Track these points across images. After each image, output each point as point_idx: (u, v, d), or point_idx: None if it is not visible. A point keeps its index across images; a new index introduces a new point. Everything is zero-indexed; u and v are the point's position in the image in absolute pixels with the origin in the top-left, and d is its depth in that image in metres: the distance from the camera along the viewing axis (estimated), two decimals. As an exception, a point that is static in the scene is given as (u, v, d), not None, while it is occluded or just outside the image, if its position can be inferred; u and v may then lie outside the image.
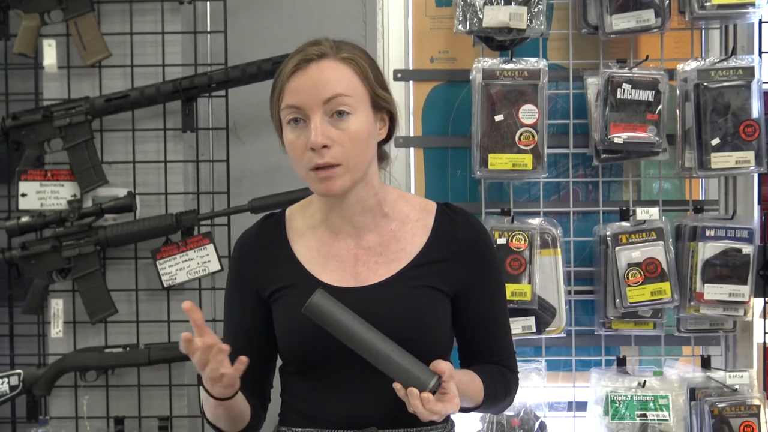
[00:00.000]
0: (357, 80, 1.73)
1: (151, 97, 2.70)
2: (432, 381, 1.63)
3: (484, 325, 1.86)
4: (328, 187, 1.72)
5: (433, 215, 1.84)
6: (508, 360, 1.90)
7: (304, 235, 1.83)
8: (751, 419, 2.58)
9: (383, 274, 1.78)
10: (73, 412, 2.76)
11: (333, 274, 1.78)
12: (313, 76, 1.70)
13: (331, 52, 1.72)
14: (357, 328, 1.65)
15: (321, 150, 1.69)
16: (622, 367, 2.72)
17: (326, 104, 1.69)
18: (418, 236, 1.81)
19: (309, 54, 1.71)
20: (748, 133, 2.61)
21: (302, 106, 1.70)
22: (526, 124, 2.61)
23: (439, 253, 1.80)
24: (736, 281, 2.61)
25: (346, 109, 1.70)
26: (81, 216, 2.69)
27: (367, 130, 1.73)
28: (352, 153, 1.71)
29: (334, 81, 1.70)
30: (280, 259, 1.82)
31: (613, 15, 2.61)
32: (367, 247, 1.80)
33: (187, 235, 2.70)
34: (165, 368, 2.74)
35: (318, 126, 1.69)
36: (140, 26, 2.76)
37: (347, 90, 1.71)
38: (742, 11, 2.62)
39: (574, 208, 2.78)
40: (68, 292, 2.75)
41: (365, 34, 2.91)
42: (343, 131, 1.70)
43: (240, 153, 2.89)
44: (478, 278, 1.82)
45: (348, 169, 1.72)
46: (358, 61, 1.74)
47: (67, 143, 2.72)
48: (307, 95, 1.69)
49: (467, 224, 1.85)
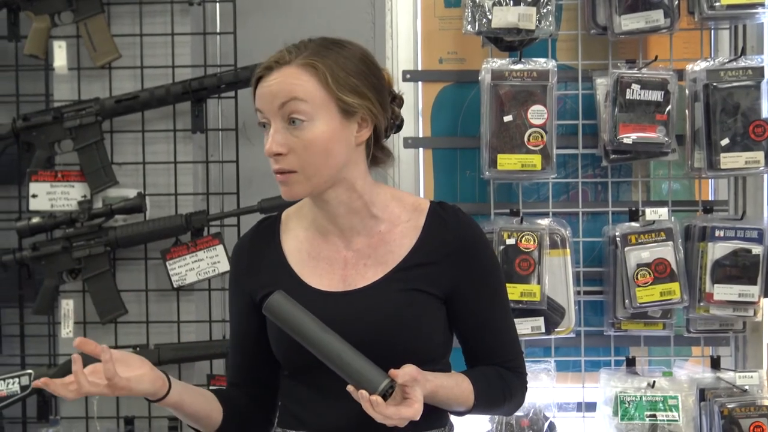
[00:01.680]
0: (315, 85, 1.68)
1: (161, 98, 2.71)
2: (382, 383, 1.59)
3: (482, 327, 1.82)
4: (286, 192, 1.72)
5: (424, 215, 1.80)
6: (512, 361, 1.85)
7: (296, 236, 1.82)
8: (761, 420, 2.58)
9: (371, 277, 1.76)
10: (83, 412, 2.77)
11: (322, 278, 1.77)
12: (270, 82, 1.69)
13: (290, 58, 1.69)
14: (311, 330, 1.63)
15: (276, 157, 1.69)
16: (632, 368, 2.72)
17: (281, 110, 1.68)
18: (407, 238, 1.78)
19: (269, 62, 1.70)
20: (757, 133, 2.61)
21: (264, 111, 1.70)
22: (535, 125, 2.61)
23: (427, 255, 1.77)
24: (745, 282, 2.61)
25: (301, 117, 1.67)
26: (91, 217, 2.70)
27: (326, 137, 1.69)
28: (308, 161, 1.68)
29: (288, 87, 1.67)
30: (271, 263, 1.81)
31: (622, 15, 2.61)
32: (356, 250, 1.78)
33: (197, 236, 2.70)
34: (175, 368, 2.74)
35: (272, 134, 1.68)
36: (150, 27, 2.77)
37: (301, 95, 1.67)
38: (751, 11, 2.62)
39: (583, 209, 2.78)
40: (78, 292, 2.76)
41: (374, 35, 2.91)
42: (298, 138, 1.68)
43: (249, 154, 2.89)
44: (471, 279, 1.78)
45: (306, 177, 1.69)
46: (318, 66, 1.68)
47: (77, 144, 2.73)
48: (265, 102, 1.69)
49: (458, 224, 1.80)
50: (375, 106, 1.73)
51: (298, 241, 1.81)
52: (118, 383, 1.64)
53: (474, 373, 1.79)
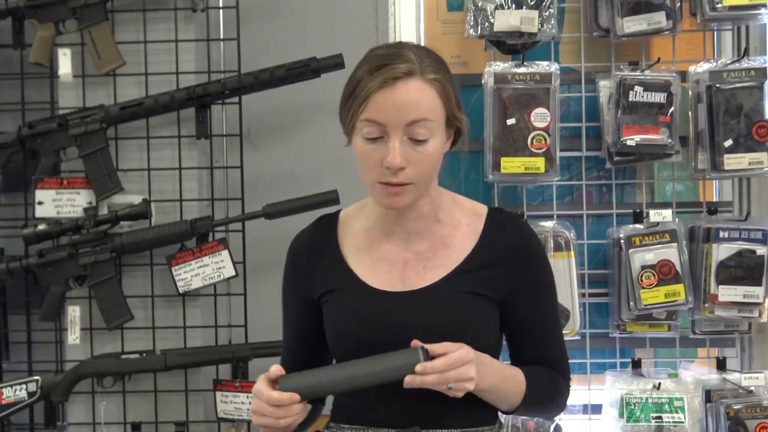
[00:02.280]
0: (439, 103, 1.72)
1: (166, 104, 2.71)
2: (419, 354, 1.62)
3: (533, 331, 1.85)
4: (393, 202, 1.73)
5: (483, 220, 1.84)
6: (558, 365, 1.89)
7: (357, 236, 1.85)
8: (767, 420, 2.57)
9: (430, 279, 1.79)
10: (90, 418, 2.78)
11: (381, 278, 1.79)
12: (399, 95, 1.68)
13: (418, 70, 1.70)
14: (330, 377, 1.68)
15: (397, 171, 1.69)
16: (637, 370, 2.71)
17: (408, 127, 1.69)
18: (467, 242, 1.82)
19: (398, 72, 1.68)
20: (761, 134, 2.61)
21: (384, 123, 1.69)
22: (538, 128, 2.61)
23: (485, 259, 1.80)
24: (750, 282, 2.61)
25: (426, 133, 1.70)
26: (97, 223, 2.71)
27: (440, 151, 1.75)
28: (424, 173, 1.72)
29: (419, 104, 1.69)
30: (329, 262, 1.84)
31: (624, 18, 2.61)
32: (417, 252, 1.81)
33: (202, 242, 2.71)
34: (181, 374, 2.75)
35: (397, 147, 1.68)
36: (154, 34, 2.78)
37: (430, 114, 1.70)
38: (753, 12, 2.62)
39: (588, 211, 2.78)
40: (85, 298, 2.76)
41: (377, 39, 2.92)
42: (419, 153, 1.70)
43: (254, 159, 2.90)
44: (525, 284, 1.81)
45: (417, 188, 1.73)
46: (443, 82, 1.73)
47: (82, 151, 2.73)
48: (391, 115, 1.68)
49: (516, 230, 1.85)
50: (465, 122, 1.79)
51: (357, 241, 1.84)
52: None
53: (526, 368, 1.82)
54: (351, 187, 2.82)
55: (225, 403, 2.69)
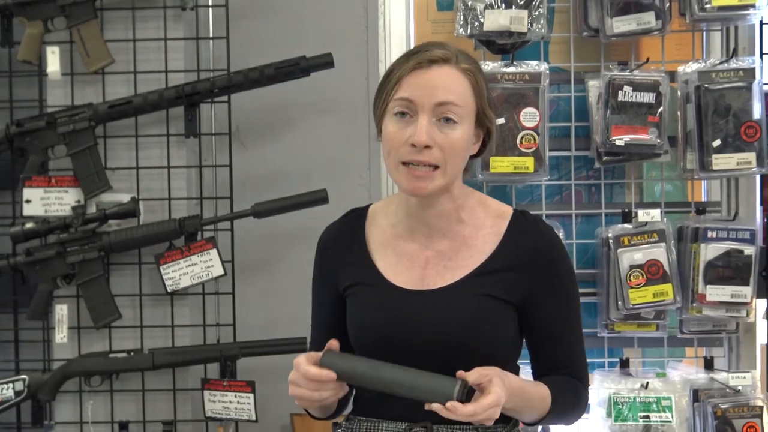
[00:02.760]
0: (470, 93, 1.76)
1: (154, 103, 2.71)
2: (455, 388, 1.61)
3: (553, 336, 1.85)
4: (418, 186, 1.74)
5: (506, 222, 1.84)
6: (579, 372, 1.88)
7: (384, 231, 1.87)
8: (755, 420, 2.58)
9: (449, 278, 1.80)
10: (77, 417, 2.77)
11: (402, 275, 1.81)
12: (432, 77, 1.73)
13: (454, 59, 1.76)
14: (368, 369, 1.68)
15: (422, 149, 1.72)
16: (625, 369, 2.72)
17: (438, 107, 1.72)
18: (488, 244, 1.82)
19: (434, 55, 1.74)
20: (749, 134, 2.62)
21: (415, 101, 1.73)
22: (527, 127, 2.61)
23: (505, 262, 1.80)
24: (738, 282, 2.61)
25: (454, 118, 1.73)
26: (85, 222, 2.70)
27: (466, 142, 1.77)
28: (450, 159, 1.74)
29: (451, 88, 1.74)
30: (356, 256, 1.86)
31: (613, 18, 2.62)
32: (438, 251, 1.82)
33: (191, 240, 2.70)
34: (169, 373, 2.74)
35: (425, 125, 1.72)
36: (143, 33, 2.77)
37: (459, 100, 1.74)
38: (742, 13, 2.62)
39: (577, 211, 2.78)
40: (72, 297, 2.76)
41: (367, 38, 2.92)
42: (446, 136, 1.73)
43: (243, 158, 2.90)
44: (547, 289, 1.81)
45: (443, 174, 1.74)
46: (476, 75, 1.77)
47: (70, 149, 2.73)
48: (423, 93, 1.73)
49: (539, 234, 1.85)
50: (495, 123, 1.82)
51: (384, 237, 1.86)
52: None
53: (547, 380, 1.82)
54: (340, 186, 2.84)
55: (213, 402, 2.69)
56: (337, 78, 2.81)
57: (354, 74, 2.89)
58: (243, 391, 2.66)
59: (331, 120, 2.94)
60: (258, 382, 2.64)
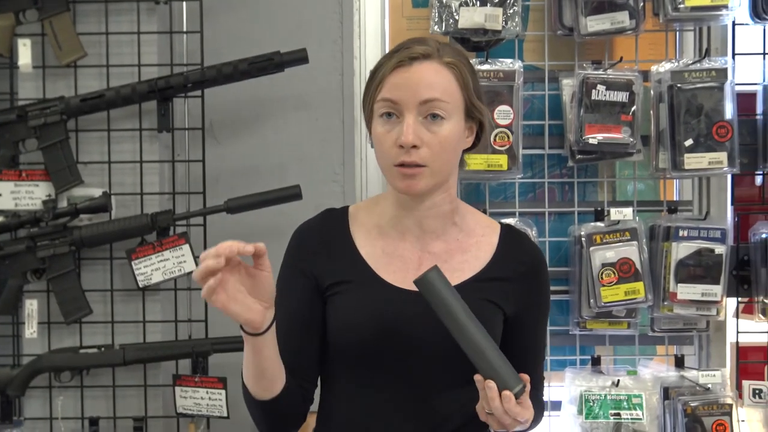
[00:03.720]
0: (456, 87, 1.74)
1: (127, 97, 2.69)
2: (518, 385, 1.63)
3: (528, 348, 1.88)
4: (410, 185, 1.73)
5: (497, 234, 1.86)
6: (540, 383, 1.94)
7: (369, 232, 1.84)
8: (724, 418, 2.60)
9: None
10: (47, 413, 2.75)
11: (396, 274, 1.79)
12: (414, 74, 1.71)
13: (436, 54, 1.73)
14: (462, 313, 1.65)
15: (410, 149, 1.70)
16: (597, 367, 2.74)
17: (422, 105, 1.70)
18: (483, 251, 1.83)
19: (414, 52, 1.72)
20: (721, 134, 2.63)
21: (399, 101, 1.71)
22: (501, 125, 2.62)
23: (503, 271, 1.82)
24: (709, 281, 2.64)
25: (441, 114, 1.71)
26: (56, 216, 2.68)
27: (456, 137, 1.74)
28: (439, 157, 1.72)
29: (435, 84, 1.71)
30: (342, 253, 1.82)
31: (587, 17, 2.63)
32: (432, 253, 1.81)
33: (163, 236, 2.69)
34: (140, 368, 2.73)
35: (411, 125, 1.70)
36: (116, 26, 2.75)
37: (445, 95, 1.72)
38: (715, 13, 2.64)
39: (550, 209, 2.80)
40: (43, 292, 2.73)
41: (342, 34, 2.91)
42: (434, 134, 1.71)
43: (216, 153, 2.88)
44: (534, 301, 1.85)
45: (432, 172, 1.73)
46: (460, 67, 1.75)
47: (42, 143, 2.70)
48: (406, 92, 1.70)
49: (532, 248, 1.88)
50: (487, 113, 1.80)
51: (371, 237, 1.83)
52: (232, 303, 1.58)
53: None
54: (313, 182, 2.83)
55: (184, 398, 2.68)
56: (312, 74, 2.80)
57: (328, 70, 2.88)
58: (215, 387, 2.65)
59: (305, 116, 2.93)
60: (230, 379, 2.63)
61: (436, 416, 1.75)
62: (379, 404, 1.77)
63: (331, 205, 1.95)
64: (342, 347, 1.80)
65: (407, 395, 1.76)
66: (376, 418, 1.77)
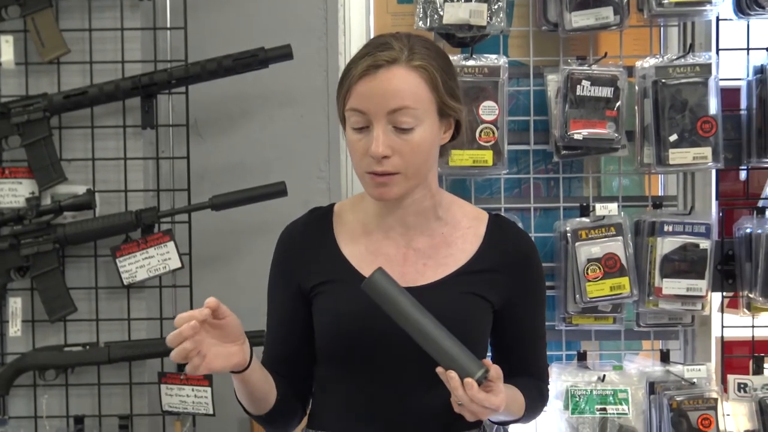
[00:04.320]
0: (425, 89, 1.69)
1: (111, 93, 2.67)
2: (479, 371, 1.61)
3: (525, 339, 1.87)
4: (383, 193, 1.71)
5: (485, 224, 1.84)
6: (543, 374, 1.92)
7: (354, 230, 1.82)
8: (709, 412, 2.61)
9: (430, 277, 1.78)
10: (32, 412, 2.73)
11: None
12: (381, 83, 1.66)
13: (402, 57, 1.67)
14: (411, 309, 1.64)
15: (380, 159, 1.67)
16: (583, 362, 2.74)
17: (391, 115, 1.67)
18: (469, 243, 1.81)
19: (380, 59, 1.66)
20: (705, 129, 2.64)
21: (367, 111, 1.67)
22: (486, 121, 2.62)
23: (489, 262, 1.80)
24: (693, 276, 2.64)
25: (411, 122, 1.67)
26: (39, 214, 2.66)
27: (429, 140, 1.71)
28: (412, 163, 1.69)
29: (402, 91, 1.66)
30: (325, 253, 1.81)
31: (572, 12, 2.63)
32: (416, 249, 1.80)
33: (147, 233, 2.68)
34: (125, 366, 2.72)
35: (380, 135, 1.66)
36: (99, 22, 2.74)
37: (414, 101, 1.67)
38: (699, 8, 2.65)
39: (535, 204, 2.80)
40: (27, 290, 2.72)
41: (326, 30, 2.90)
42: (405, 142, 1.68)
43: (201, 150, 2.87)
44: (525, 292, 1.83)
45: (406, 178, 1.70)
46: (429, 69, 1.69)
47: (25, 140, 2.69)
48: (373, 103, 1.66)
49: (519, 237, 1.86)
50: (463, 109, 1.76)
51: (355, 235, 1.82)
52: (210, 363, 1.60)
53: (521, 385, 1.82)
54: (298, 178, 2.82)
55: (170, 396, 2.67)
56: (297, 70, 2.79)
57: (313, 66, 2.88)
58: (200, 385, 2.64)
59: (290, 112, 2.92)
60: (215, 376, 2.63)
61: (424, 411, 1.75)
62: (367, 401, 1.77)
63: (316, 202, 1.95)
64: (326, 346, 1.80)
65: (394, 391, 1.75)
66: (365, 414, 1.77)
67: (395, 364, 1.73)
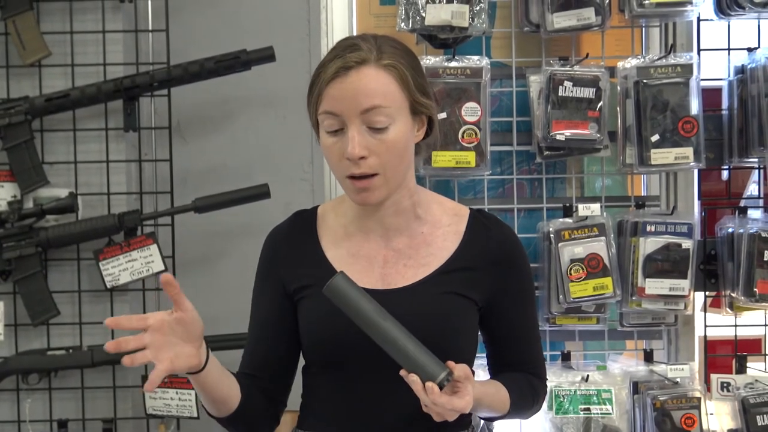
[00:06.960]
0: (397, 88, 1.70)
1: (93, 96, 2.67)
2: (441, 374, 1.60)
3: (515, 335, 1.86)
4: (365, 198, 1.72)
5: (465, 221, 1.84)
6: (538, 368, 1.91)
7: (336, 233, 1.83)
8: (692, 411, 2.62)
9: (411, 277, 1.78)
10: (15, 416, 2.72)
11: (361, 276, 1.76)
12: (352, 84, 1.67)
13: (372, 57, 1.68)
14: (372, 313, 1.64)
15: (358, 161, 1.68)
16: (567, 362, 2.74)
17: (364, 114, 1.67)
18: (449, 242, 1.81)
19: (349, 61, 1.67)
20: (686, 129, 2.65)
21: (340, 113, 1.68)
22: (468, 122, 2.62)
23: (469, 260, 1.79)
24: (676, 276, 2.65)
25: (384, 121, 1.68)
26: (21, 217, 2.65)
27: (404, 138, 1.71)
28: (389, 162, 1.70)
29: (374, 91, 1.67)
30: (309, 257, 1.81)
31: (554, 13, 2.63)
32: (396, 249, 1.80)
33: (130, 236, 2.67)
34: (109, 370, 2.71)
35: (355, 136, 1.67)
36: (81, 25, 2.73)
37: (386, 100, 1.68)
38: (680, 9, 2.65)
39: (518, 205, 2.80)
40: (9, 294, 2.71)
41: (309, 32, 2.90)
42: (380, 141, 1.68)
43: (183, 152, 2.87)
44: (510, 288, 1.82)
45: (385, 179, 1.71)
46: (399, 67, 1.70)
47: (6, 143, 2.68)
48: (345, 105, 1.67)
49: (500, 233, 1.85)
50: (434, 106, 1.77)
51: (337, 237, 1.82)
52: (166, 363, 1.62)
53: (507, 380, 1.82)
54: (282, 180, 2.82)
55: (154, 399, 2.66)
56: (279, 72, 2.79)
57: (296, 68, 2.87)
58: (184, 387, 2.64)
59: (272, 114, 2.92)
60: (199, 379, 2.62)
61: (412, 412, 1.74)
62: (354, 402, 1.77)
63: (300, 203, 1.95)
64: (312, 349, 1.81)
65: (380, 393, 1.75)
66: (352, 415, 1.77)
67: (379, 366, 1.73)
